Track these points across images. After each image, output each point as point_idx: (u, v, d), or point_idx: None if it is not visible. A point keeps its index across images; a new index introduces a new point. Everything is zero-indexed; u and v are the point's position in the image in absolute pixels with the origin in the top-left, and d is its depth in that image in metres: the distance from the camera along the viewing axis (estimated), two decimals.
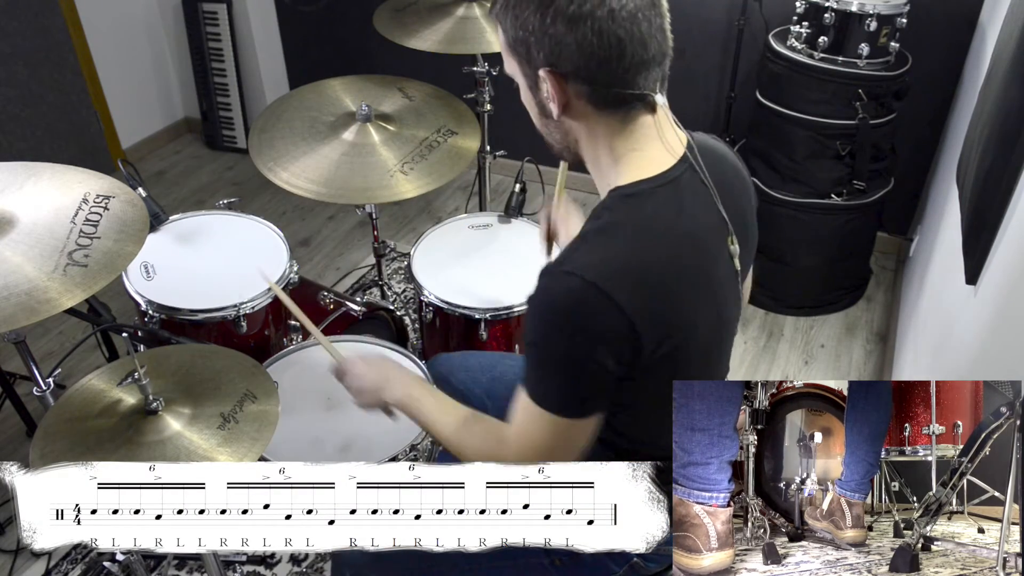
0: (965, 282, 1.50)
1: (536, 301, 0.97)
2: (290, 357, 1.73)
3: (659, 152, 1.00)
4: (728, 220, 1.04)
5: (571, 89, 0.96)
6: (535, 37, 0.93)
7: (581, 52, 0.91)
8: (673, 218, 0.99)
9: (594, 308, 0.92)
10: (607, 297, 0.91)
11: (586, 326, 0.93)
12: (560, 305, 0.94)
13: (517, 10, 0.94)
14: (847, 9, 2.24)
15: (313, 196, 1.77)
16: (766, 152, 2.56)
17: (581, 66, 0.93)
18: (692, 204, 1.01)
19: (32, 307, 1.18)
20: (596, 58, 0.91)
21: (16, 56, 2.99)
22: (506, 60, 1.02)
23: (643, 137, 0.99)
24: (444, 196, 3.40)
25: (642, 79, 0.94)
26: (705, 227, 1.02)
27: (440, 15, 2.16)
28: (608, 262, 0.94)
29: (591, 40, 0.90)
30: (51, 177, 1.42)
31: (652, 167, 0.99)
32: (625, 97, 0.95)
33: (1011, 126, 1.38)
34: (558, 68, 0.94)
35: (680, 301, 0.98)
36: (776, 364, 2.56)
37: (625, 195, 0.98)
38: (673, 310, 0.98)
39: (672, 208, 0.99)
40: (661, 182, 0.98)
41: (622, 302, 0.92)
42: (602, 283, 0.91)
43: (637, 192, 0.98)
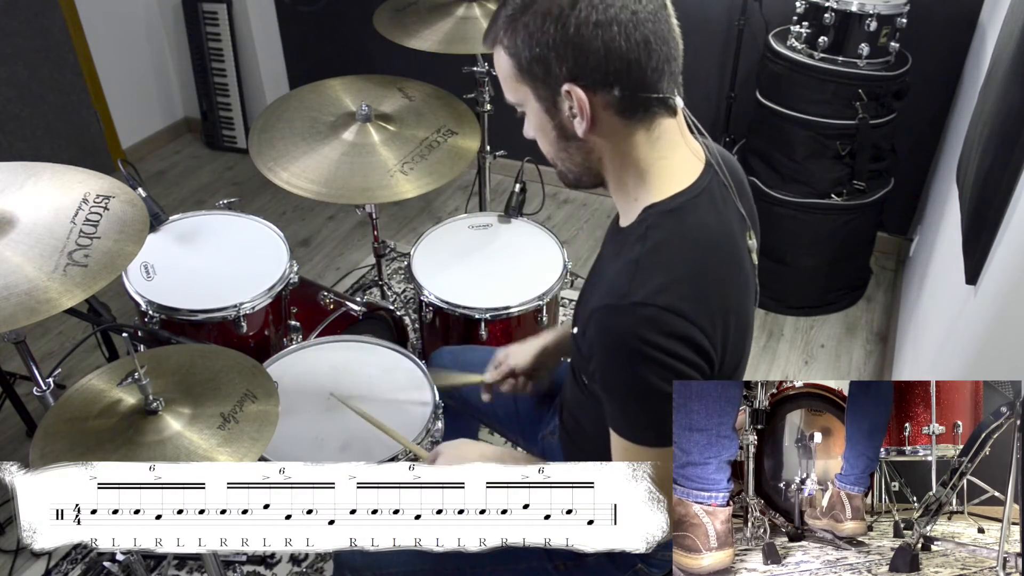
0: (965, 282, 1.50)
1: (610, 342, 0.94)
2: (290, 357, 1.73)
3: (684, 158, 1.00)
4: (746, 216, 1.06)
5: (598, 100, 0.93)
6: (556, 51, 0.90)
7: (610, 57, 0.89)
8: (715, 227, 0.99)
9: (676, 331, 0.91)
10: (684, 317, 0.91)
11: (672, 350, 0.91)
12: (640, 338, 0.91)
13: (531, 27, 0.91)
14: (847, 9, 2.24)
15: (313, 196, 1.77)
16: (766, 152, 2.56)
17: (610, 72, 0.90)
18: (724, 208, 1.02)
19: (32, 307, 1.18)
20: (625, 61, 0.90)
21: (16, 56, 2.99)
22: (512, 88, 0.98)
23: (668, 144, 0.98)
24: (444, 196, 3.40)
25: (665, 81, 0.93)
26: (736, 228, 1.04)
27: (440, 15, 2.16)
28: (671, 283, 0.92)
29: (619, 44, 0.89)
30: (51, 177, 1.42)
31: (683, 178, 0.99)
32: (651, 102, 0.94)
33: (1011, 126, 1.38)
34: (584, 80, 0.91)
35: (735, 306, 0.99)
36: (776, 364, 2.56)
37: (665, 211, 0.97)
38: (731, 315, 0.98)
39: (712, 217, 0.99)
40: (696, 192, 0.99)
41: (696, 319, 0.92)
42: (674, 306, 0.91)
43: (677, 207, 0.97)
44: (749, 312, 1.06)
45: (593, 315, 0.95)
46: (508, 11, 0.94)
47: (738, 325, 1.00)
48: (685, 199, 0.98)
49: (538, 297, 1.87)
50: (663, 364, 0.91)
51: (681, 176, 0.99)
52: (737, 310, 1.00)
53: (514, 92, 0.99)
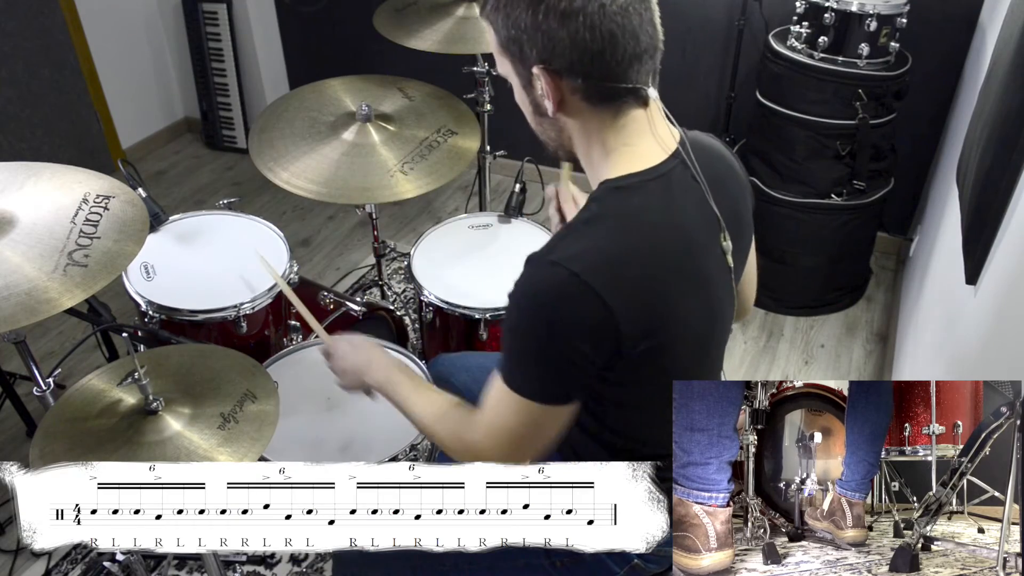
0: (965, 282, 1.50)
1: (519, 288, 0.97)
2: (290, 357, 1.73)
3: (650, 147, 1.00)
4: (720, 217, 1.04)
5: (565, 85, 0.96)
6: (527, 35, 0.94)
7: (574, 47, 0.92)
8: (661, 211, 0.99)
9: (576, 299, 0.92)
10: (589, 288, 0.92)
11: (566, 316, 0.94)
12: (542, 294, 0.95)
13: (508, 8, 0.95)
14: (847, 9, 2.24)
15: (313, 196, 1.77)
16: (766, 152, 2.56)
17: (575, 61, 0.93)
18: (682, 199, 1.01)
19: (32, 307, 1.18)
20: (589, 52, 0.92)
21: (16, 56, 2.99)
22: (498, 61, 1.03)
23: (635, 131, 1.00)
24: (444, 196, 3.40)
25: (634, 72, 0.95)
26: (695, 222, 1.02)
27: (440, 15, 2.16)
28: (592, 253, 0.94)
29: (583, 35, 0.91)
30: (51, 177, 1.42)
31: (642, 161, 1.00)
32: (618, 91, 0.96)
33: (1011, 126, 1.38)
34: (552, 65, 0.95)
35: (666, 295, 0.99)
36: (776, 364, 2.56)
37: (614, 187, 0.99)
38: (658, 303, 0.98)
39: (660, 201, 0.99)
40: (651, 176, 0.99)
41: (604, 293, 0.92)
42: (585, 274, 0.92)
43: (626, 185, 0.98)
44: (709, 311, 1.06)
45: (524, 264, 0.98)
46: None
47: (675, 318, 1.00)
48: (636, 180, 0.98)
49: None
50: (551, 325, 0.94)
51: (641, 160, 1.00)
52: (676, 305, 0.99)
53: (500, 65, 1.03)
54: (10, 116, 3.03)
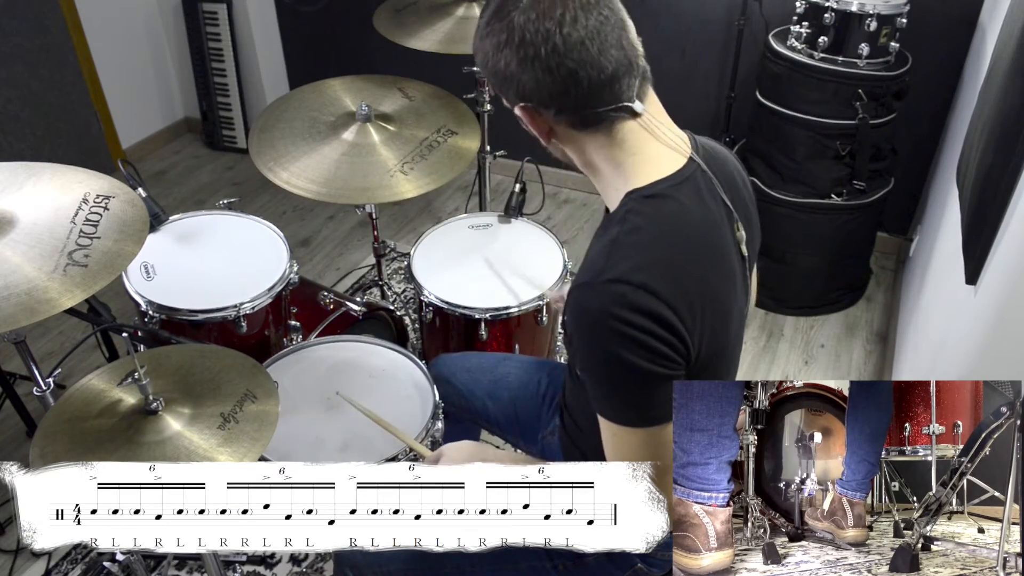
0: (965, 282, 1.50)
1: (582, 320, 0.94)
2: (290, 357, 1.73)
3: (661, 152, 1.00)
4: (733, 208, 1.05)
5: (548, 117, 0.98)
6: (500, 77, 0.96)
7: (540, 88, 0.94)
8: (698, 213, 1.00)
9: (649, 309, 0.91)
10: (657, 296, 0.91)
11: (645, 327, 0.91)
12: (611, 315, 0.91)
13: (482, 53, 0.97)
14: (847, 9, 2.24)
15: (313, 196, 1.77)
16: (766, 152, 2.56)
17: (545, 98, 0.95)
18: (709, 199, 1.02)
19: (32, 307, 1.18)
20: (553, 92, 0.94)
21: (16, 56, 2.99)
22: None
23: (636, 142, 0.99)
24: (444, 196, 3.40)
25: (612, 93, 0.94)
26: (722, 220, 1.04)
27: (440, 15, 2.16)
28: (649, 263, 0.93)
29: (543, 77, 0.92)
30: (51, 177, 1.42)
31: (662, 167, 0.99)
32: (600, 115, 0.96)
33: (1011, 126, 1.38)
34: (529, 102, 0.96)
35: (716, 292, 0.99)
36: (776, 364, 2.56)
37: (646, 196, 0.98)
38: (712, 302, 0.98)
39: (695, 204, 1.00)
40: (679, 180, 0.99)
41: (671, 299, 0.92)
42: (651, 283, 0.91)
43: (657, 193, 0.98)
44: (731, 302, 1.06)
45: (571, 295, 0.96)
46: (478, 31, 0.99)
47: (717, 313, 1.00)
48: (667, 186, 0.98)
49: (538, 297, 1.87)
50: (636, 341, 0.91)
51: (660, 166, 1.00)
52: (717, 298, 1.00)
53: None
54: (10, 116, 3.03)
